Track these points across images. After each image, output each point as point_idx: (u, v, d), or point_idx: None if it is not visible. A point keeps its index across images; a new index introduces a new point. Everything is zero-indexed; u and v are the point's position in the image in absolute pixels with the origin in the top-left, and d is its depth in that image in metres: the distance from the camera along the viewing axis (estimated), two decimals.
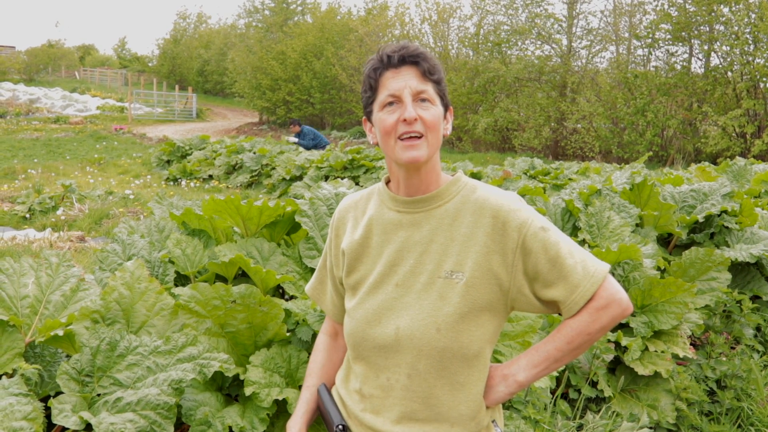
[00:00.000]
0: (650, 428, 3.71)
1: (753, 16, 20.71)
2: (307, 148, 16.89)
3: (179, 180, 15.36)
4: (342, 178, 9.37)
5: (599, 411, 3.82)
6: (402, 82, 1.72)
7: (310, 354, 3.05)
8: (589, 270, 1.71)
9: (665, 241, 5.67)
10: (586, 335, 1.72)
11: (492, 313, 1.75)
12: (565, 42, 27.46)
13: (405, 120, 1.70)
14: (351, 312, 1.86)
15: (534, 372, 1.77)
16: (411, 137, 1.71)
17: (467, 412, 1.77)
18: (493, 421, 1.84)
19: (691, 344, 4.51)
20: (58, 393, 2.49)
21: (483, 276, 1.72)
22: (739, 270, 5.33)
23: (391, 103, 1.73)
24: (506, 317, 1.82)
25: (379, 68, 1.75)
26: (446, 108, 1.80)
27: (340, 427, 1.86)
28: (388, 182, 1.90)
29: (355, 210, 1.95)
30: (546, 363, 1.75)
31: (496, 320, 1.77)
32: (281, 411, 2.90)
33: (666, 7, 23.22)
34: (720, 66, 22.73)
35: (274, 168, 14.18)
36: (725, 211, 5.52)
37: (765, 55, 20.79)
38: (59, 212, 10.45)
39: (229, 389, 2.97)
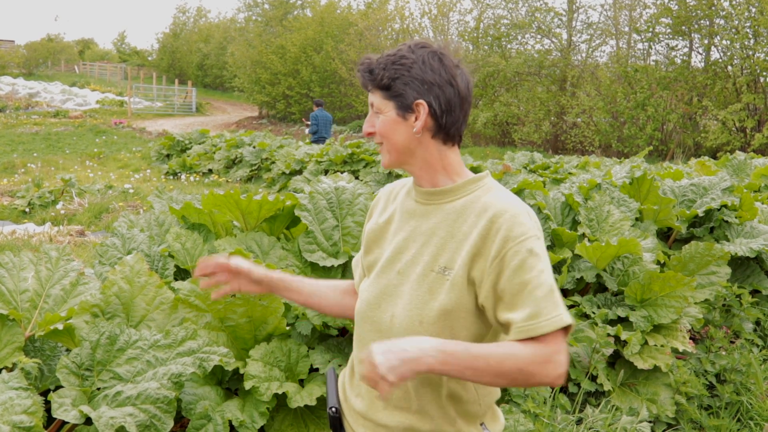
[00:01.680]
0: (649, 422, 3.72)
1: (753, 10, 20.69)
2: (313, 134, 16.80)
3: (179, 174, 15.35)
4: (342, 172, 9.36)
5: (599, 405, 3.82)
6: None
7: (309, 348, 3.06)
8: (551, 311, 1.58)
9: (665, 235, 5.67)
10: (517, 367, 1.56)
11: (477, 317, 1.72)
12: (565, 36, 27.42)
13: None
14: (360, 293, 1.90)
15: (442, 369, 1.58)
16: (380, 145, 1.81)
17: (448, 409, 1.76)
18: (481, 424, 1.81)
19: (690, 338, 4.52)
20: (58, 387, 2.49)
21: (466, 276, 1.69)
22: (739, 264, 5.34)
23: None
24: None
25: None
26: (406, 107, 1.73)
27: (333, 409, 1.92)
28: None
29: (388, 195, 1.97)
30: (459, 364, 1.58)
31: (484, 324, 1.73)
32: (281, 405, 2.90)
33: (666, 1, 23.18)
34: (720, 60, 22.71)
35: (273, 162, 14.17)
36: (725, 206, 5.52)
37: (765, 49, 20.77)
38: (59, 206, 10.45)
39: (228, 383, 2.98)
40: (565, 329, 1.60)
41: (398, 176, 10.34)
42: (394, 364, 1.51)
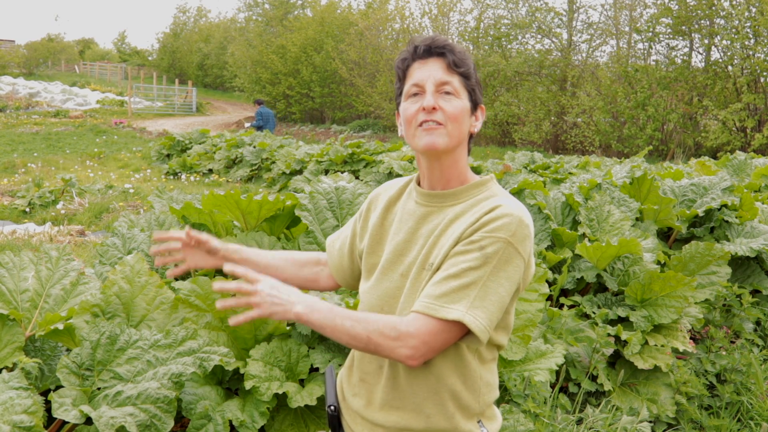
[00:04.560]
0: (650, 422, 3.72)
1: (753, 10, 20.68)
2: (258, 128, 19.15)
3: (179, 174, 15.35)
4: (342, 172, 9.36)
5: (599, 405, 3.82)
6: (427, 72, 1.74)
7: (310, 348, 3.06)
8: (451, 303, 1.60)
9: (665, 235, 5.67)
10: (366, 335, 1.61)
11: None
12: (565, 36, 27.41)
13: (424, 108, 1.71)
14: (363, 295, 1.89)
15: (308, 318, 1.63)
16: (435, 123, 1.73)
17: (444, 406, 1.76)
18: (479, 422, 1.82)
19: (690, 338, 4.52)
20: (59, 387, 2.49)
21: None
22: (739, 264, 5.33)
23: (416, 94, 1.75)
24: None
25: (407, 59, 1.78)
26: (475, 104, 1.79)
27: (332, 407, 1.94)
28: None
29: (389, 192, 1.97)
30: (321, 317, 1.63)
31: None
32: (281, 404, 2.90)
33: (666, 1, 23.17)
34: (720, 60, 22.69)
35: (274, 162, 14.17)
36: (725, 205, 5.52)
37: (765, 49, 20.77)
38: (59, 206, 10.44)
39: (229, 383, 2.98)
40: (459, 326, 1.61)
41: (399, 176, 10.33)
42: (275, 301, 1.62)
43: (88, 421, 2.27)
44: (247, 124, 20.61)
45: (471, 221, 1.68)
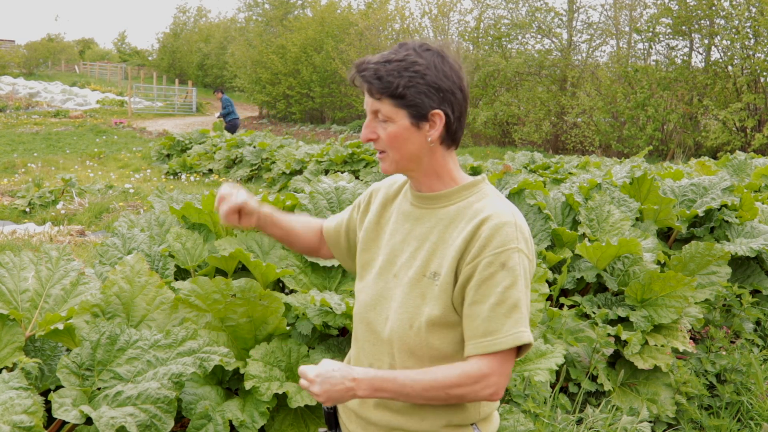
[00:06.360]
0: (650, 422, 3.72)
1: (753, 10, 20.67)
2: (226, 115, 19.64)
3: (179, 174, 15.35)
4: (342, 172, 9.36)
5: (599, 405, 3.82)
6: (367, 98, 1.73)
7: (310, 348, 3.06)
8: (509, 329, 1.62)
9: (665, 235, 5.67)
10: (445, 393, 1.64)
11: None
12: (565, 36, 27.39)
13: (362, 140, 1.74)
14: (357, 294, 1.91)
15: (371, 397, 1.68)
16: (379, 152, 1.75)
17: (439, 409, 1.76)
18: (472, 425, 1.81)
19: (690, 338, 4.52)
20: (59, 387, 2.49)
21: (452, 282, 1.69)
22: (739, 264, 5.33)
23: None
24: None
25: None
26: (421, 116, 1.68)
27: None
28: None
29: (387, 189, 1.96)
30: (390, 395, 1.67)
31: None
32: (281, 405, 2.90)
33: (666, 1, 23.17)
34: (720, 60, 22.68)
35: (274, 162, 14.17)
36: (725, 205, 5.52)
37: (765, 49, 20.76)
38: (59, 206, 10.44)
39: (229, 383, 2.98)
40: (520, 347, 1.65)
41: None
42: (332, 396, 1.64)
43: (88, 421, 2.27)
44: (216, 114, 21.21)
45: (470, 230, 1.67)
